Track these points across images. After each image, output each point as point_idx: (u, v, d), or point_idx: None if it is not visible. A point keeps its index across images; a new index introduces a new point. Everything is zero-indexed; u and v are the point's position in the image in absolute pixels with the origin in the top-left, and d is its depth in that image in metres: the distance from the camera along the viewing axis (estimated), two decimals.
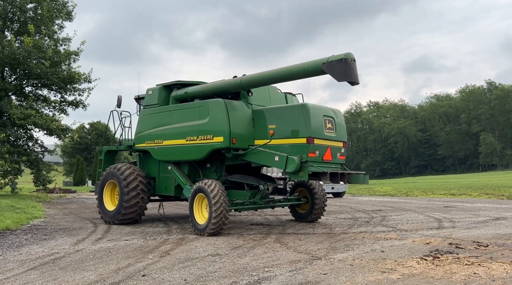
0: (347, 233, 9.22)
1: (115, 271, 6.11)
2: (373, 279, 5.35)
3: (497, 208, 16.04)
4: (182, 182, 10.24)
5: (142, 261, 6.66)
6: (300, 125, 8.76)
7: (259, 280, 5.42)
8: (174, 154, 10.28)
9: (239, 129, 9.39)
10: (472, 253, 6.82)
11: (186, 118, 10.01)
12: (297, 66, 8.62)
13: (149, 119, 10.90)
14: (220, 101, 9.45)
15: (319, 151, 8.85)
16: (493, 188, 29.53)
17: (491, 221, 11.47)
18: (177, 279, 5.58)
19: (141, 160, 11.66)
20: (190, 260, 6.69)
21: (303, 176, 8.59)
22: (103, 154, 12.60)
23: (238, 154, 9.51)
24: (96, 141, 65.43)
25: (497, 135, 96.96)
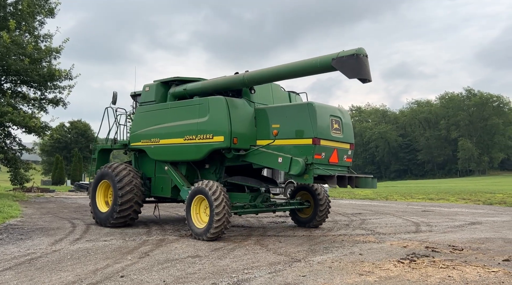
0: (326, 236, 9.31)
1: (93, 271, 6.04)
2: (351, 281, 5.43)
3: (473, 213, 16.40)
4: (179, 183, 9.83)
5: (120, 262, 6.60)
6: (306, 125, 8.33)
7: (239, 282, 5.44)
8: (171, 153, 9.85)
9: (240, 129, 8.93)
10: (447, 257, 6.97)
11: (184, 116, 9.56)
12: (304, 62, 8.15)
13: (146, 117, 10.44)
14: (221, 99, 8.99)
15: (325, 152, 8.42)
16: (470, 193, 30.14)
17: (467, 225, 11.73)
18: (156, 280, 5.55)
19: (137, 159, 11.22)
20: (169, 261, 6.66)
21: (308, 178, 8.21)
22: (97, 153, 12.06)
23: (239, 154, 9.07)
24: (76, 140, 64.43)
25: (474, 142, 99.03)
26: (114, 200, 10.01)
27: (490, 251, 7.51)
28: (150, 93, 10.45)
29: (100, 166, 11.44)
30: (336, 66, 7.52)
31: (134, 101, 11.77)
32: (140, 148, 10.55)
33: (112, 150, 12.33)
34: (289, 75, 8.49)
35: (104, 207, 10.57)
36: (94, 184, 10.85)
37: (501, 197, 26.77)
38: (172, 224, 11.20)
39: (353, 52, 7.33)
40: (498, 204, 24.68)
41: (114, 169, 10.22)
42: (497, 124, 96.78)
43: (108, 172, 10.33)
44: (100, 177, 10.67)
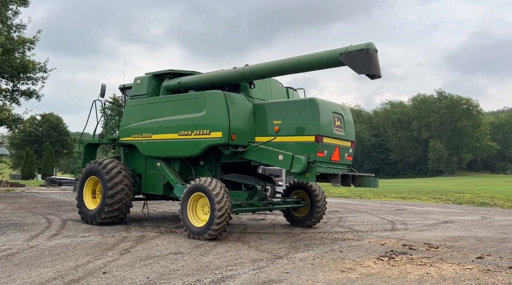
0: (306, 233, 9.43)
1: (73, 268, 5.95)
2: (333, 278, 5.54)
3: (445, 212, 16.91)
4: (172, 180, 9.45)
5: (101, 258, 6.52)
6: (308, 122, 8.06)
7: (223, 278, 5.47)
8: (164, 149, 9.47)
9: (239, 125, 8.61)
10: (424, 254, 7.18)
11: (179, 111, 9.19)
12: (309, 57, 7.87)
13: (137, 111, 10.01)
14: (219, 93, 8.65)
15: (327, 150, 8.16)
16: (440, 192, 30.99)
17: (439, 224, 12.09)
18: (139, 277, 5.52)
19: (126, 155, 10.74)
20: (151, 257, 6.62)
21: (310, 177, 7.96)
22: (83, 147, 11.54)
23: (237, 151, 8.76)
24: (48, 134, 62.78)
25: (444, 143, 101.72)
26: (103, 197, 9.60)
27: (463, 249, 7.78)
28: (142, 86, 10.06)
29: (86, 161, 10.99)
30: (344, 61, 7.31)
31: (123, 95, 11.35)
32: (131, 143, 10.15)
33: (100, 144, 11.89)
34: (293, 70, 8.24)
35: (91, 204, 10.15)
36: (81, 180, 10.36)
37: (469, 197, 27.63)
38: (151, 220, 11.10)
39: (363, 47, 7.14)
40: (467, 204, 25.51)
41: (104, 166, 9.76)
42: (466, 127, 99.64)
43: (97, 168, 9.88)
44: (88, 173, 10.21)
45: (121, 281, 5.34)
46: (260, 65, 8.55)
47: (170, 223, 10.57)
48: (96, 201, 10.17)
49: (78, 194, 10.41)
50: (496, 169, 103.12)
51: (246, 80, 8.99)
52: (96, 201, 10.17)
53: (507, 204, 25.85)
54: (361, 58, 7.11)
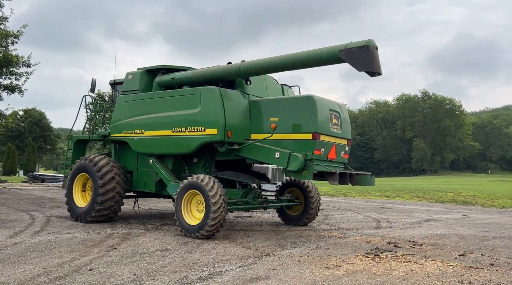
0: (292, 231, 9.48)
1: (59, 264, 5.89)
2: (320, 275, 5.59)
3: (428, 210, 17.18)
4: (165, 178, 9.26)
5: (87, 255, 6.46)
6: (306, 119, 7.98)
7: (210, 275, 5.48)
8: (157, 146, 9.28)
9: (234, 122, 8.48)
10: (408, 252, 7.30)
11: (173, 107, 9.02)
12: (308, 53, 7.76)
13: (129, 107, 9.80)
14: (214, 89, 8.50)
15: (324, 148, 8.08)
16: (423, 191, 31.44)
17: (423, 222, 12.28)
18: (126, 274, 5.49)
19: (117, 152, 10.53)
20: (138, 254, 6.59)
21: (306, 175, 7.88)
22: (72, 144, 11.27)
23: (232, 148, 8.63)
24: (30, 129, 61.75)
25: (428, 142, 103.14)
26: (94, 195, 9.39)
27: (447, 247, 7.93)
28: (134, 81, 9.87)
29: (76, 158, 10.76)
30: (344, 58, 7.21)
31: (113, 90, 11.10)
32: (122, 139, 9.95)
33: (90, 141, 11.64)
34: (291, 66, 8.13)
35: (81, 202, 9.93)
36: (71, 177, 10.09)
37: (452, 196, 28.10)
38: (137, 218, 11.03)
39: (363, 43, 7.05)
40: (449, 202, 25.96)
41: (95, 162, 9.55)
42: (449, 126, 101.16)
43: (87, 165, 9.66)
44: (78, 169, 9.98)
45: (107, 278, 5.30)
46: (257, 61, 8.43)
47: (156, 220, 10.53)
48: (86, 198, 9.97)
49: (67, 191, 10.15)
50: (478, 168, 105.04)
51: (242, 77, 8.88)
52: (86, 198, 9.97)
53: (488, 203, 26.38)
54: (361, 55, 7.02)
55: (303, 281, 5.26)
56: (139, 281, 5.20)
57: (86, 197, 9.99)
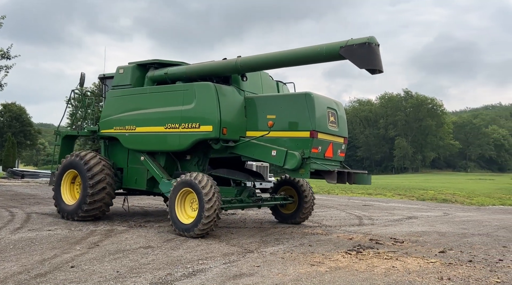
0: (276, 228, 9.53)
1: (40, 262, 5.81)
2: (303, 271, 5.64)
3: (409, 208, 17.45)
4: (157, 175, 9.02)
5: (69, 252, 6.38)
6: (303, 117, 7.84)
7: (194, 272, 5.47)
8: (149, 142, 9.06)
9: (230, 118, 8.29)
10: (390, 249, 7.41)
11: (166, 103, 8.78)
12: (307, 49, 7.62)
13: (120, 102, 9.54)
14: (210, 85, 8.30)
15: (321, 146, 7.94)
16: (404, 189, 31.93)
17: (404, 219, 12.48)
18: (108, 271, 5.44)
19: (106, 148, 10.23)
20: (121, 251, 6.54)
21: (304, 173, 7.76)
22: (60, 139, 10.84)
23: (228, 146, 8.44)
24: (10, 124, 60.48)
25: (410, 141, 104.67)
26: (84, 191, 9.12)
27: (427, 244, 8.07)
28: (125, 76, 9.60)
29: (64, 154, 10.47)
30: (345, 55, 7.08)
31: (103, 85, 10.80)
32: (112, 135, 9.69)
33: (78, 136, 11.26)
34: (290, 62, 7.99)
35: (70, 199, 9.65)
36: (59, 174, 9.77)
37: (432, 194, 28.61)
38: (119, 214, 10.93)
39: (365, 40, 6.91)
40: (430, 200, 26.42)
41: (83, 158, 9.27)
42: (430, 126, 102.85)
43: (76, 161, 9.36)
44: (66, 166, 9.65)
45: (89, 275, 5.25)
46: (254, 57, 8.28)
47: (139, 217, 10.45)
48: (75, 195, 9.71)
49: (55, 189, 9.83)
50: (458, 167, 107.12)
51: (239, 72, 8.70)
52: (75, 196, 9.71)
53: (467, 201, 26.92)
54: (362, 52, 6.90)
55: (286, 278, 5.30)
56: (122, 278, 5.16)
57: (75, 194, 9.72)
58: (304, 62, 7.89)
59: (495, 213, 17.90)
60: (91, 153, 9.48)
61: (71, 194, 9.74)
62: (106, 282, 5.00)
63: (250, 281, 5.14)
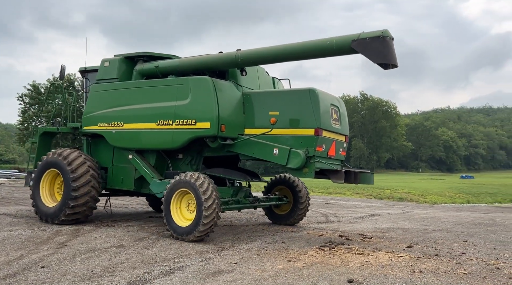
0: (247, 226, 9.55)
1: (6, 263, 5.54)
2: (281, 267, 5.69)
3: (369, 206, 17.99)
4: (148, 175, 8.47)
5: (36, 253, 6.12)
6: (307, 114, 7.49)
7: (172, 270, 5.40)
8: (139, 140, 8.48)
9: (228, 115, 7.84)
10: (360, 244, 7.61)
11: (157, 98, 8.26)
12: (315, 43, 7.25)
13: (105, 97, 8.92)
14: (207, 80, 7.82)
15: (325, 144, 7.63)
16: (362, 188, 32.85)
17: (367, 217, 12.85)
18: (82, 270, 5.27)
19: (89, 146, 9.60)
20: (92, 251, 6.34)
21: (307, 173, 7.40)
22: (37, 136, 10.11)
23: (225, 144, 7.97)
24: None
25: (365, 142, 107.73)
26: (66, 193, 8.43)
27: (394, 239, 8.36)
28: (111, 69, 9.03)
29: (42, 152, 9.82)
30: (357, 48, 6.76)
31: (84, 78, 10.20)
32: (97, 132, 9.08)
33: (58, 133, 10.46)
34: (296, 56, 7.61)
35: (50, 201, 8.92)
36: (38, 173, 9.04)
37: (389, 192, 29.66)
38: None
39: (379, 34, 6.62)
40: (387, 199, 27.36)
41: (66, 157, 8.60)
42: (384, 127, 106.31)
43: (57, 160, 8.67)
44: (46, 165, 8.92)
45: (62, 275, 5.06)
46: (256, 50, 7.89)
47: (106, 217, 10.15)
48: (55, 197, 9.03)
49: (33, 189, 9.07)
50: (410, 167, 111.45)
51: (238, 67, 8.27)
52: (55, 197, 9.02)
53: (422, 199, 28.12)
54: (376, 46, 6.62)
55: (265, 274, 5.33)
56: (97, 277, 5.01)
57: (55, 195, 9.05)
58: (311, 56, 7.55)
59: (448, 210, 18.78)
60: (75, 152, 8.84)
61: (51, 195, 9.05)
62: (81, 282, 4.84)
63: (230, 277, 5.14)
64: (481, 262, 6.40)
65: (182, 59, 8.63)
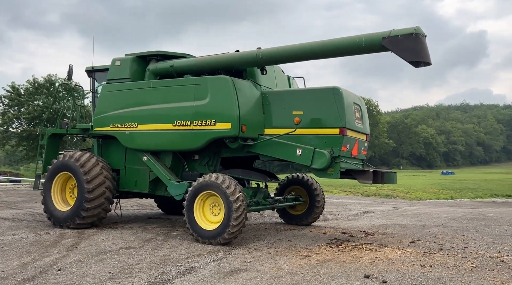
0: (249, 225, 9.60)
1: (21, 266, 5.50)
2: (295, 264, 5.79)
3: (360, 203, 18.27)
4: (165, 177, 8.27)
5: (48, 256, 6.08)
6: (332, 113, 7.38)
7: (188, 270, 5.44)
8: (155, 141, 8.30)
9: (249, 115, 7.67)
10: (365, 241, 7.77)
11: (174, 98, 8.08)
12: (343, 40, 7.12)
13: (117, 97, 8.72)
14: (226, 79, 7.66)
15: (349, 144, 7.51)
16: (348, 186, 33.22)
17: (362, 214, 13.07)
18: (99, 272, 5.27)
19: (100, 147, 9.39)
20: (103, 253, 6.32)
21: (333, 173, 7.29)
22: (46, 138, 9.84)
23: (245, 144, 7.81)
24: None
25: None
26: (81, 196, 8.23)
27: (395, 235, 8.56)
28: (123, 69, 8.83)
29: (51, 154, 9.65)
30: (389, 46, 6.63)
31: (91, 78, 9.92)
32: (109, 133, 8.85)
33: (67, 135, 10.23)
34: (322, 54, 7.43)
35: (62, 205, 8.71)
36: (49, 176, 8.80)
37: (375, 190, 30.03)
38: None
39: (412, 31, 6.50)
40: (374, 196, 27.76)
41: (78, 159, 8.40)
42: None
43: (70, 163, 8.45)
44: (58, 168, 8.69)
45: (81, 277, 5.06)
46: (279, 49, 7.71)
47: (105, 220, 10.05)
48: (68, 200, 8.83)
49: (45, 193, 8.80)
50: (391, 164, 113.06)
51: (259, 65, 8.10)
52: (67, 201, 8.82)
53: (407, 196, 28.61)
54: (410, 44, 6.50)
55: (282, 271, 5.42)
56: (117, 278, 5.02)
57: (68, 199, 8.84)
58: (339, 54, 7.39)
59: (436, 206, 19.22)
60: (87, 154, 8.64)
61: (62, 200, 8.83)
62: (102, 283, 4.85)
63: (249, 276, 5.21)
64: (485, 255, 6.63)
65: (199, 58, 8.47)
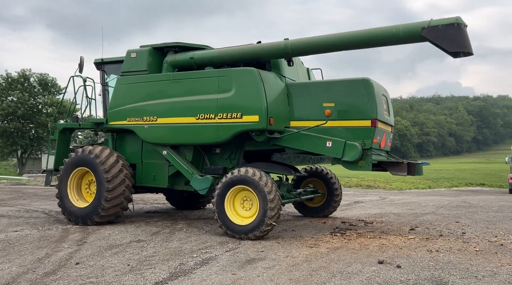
0: None
1: (37, 261, 5.49)
2: (307, 252, 5.97)
3: (347, 194, 18.57)
4: (187, 171, 8.10)
5: (60, 250, 6.07)
6: (363, 104, 7.26)
7: (205, 261, 5.53)
8: (176, 135, 8.11)
9: (276, 107, 7.54)
10: (366, 229, 8.02)
11: (196, 91, 7.88)
12: (379, 30, 6.95)
13: (134, 90, 8.51)
14: (253, 71, 7.48)
15: (379, 136, 7.42)
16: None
17: (354, 204, 13.39)
18: (118, 265, 5.31)
19: (115, 142, 9.18)
20: (115, 247, 6.34)
21: (364, 165, 7.19)
22: (57, 133, 9.52)
23: (271, 137, 7.65)
24: None
25: None
26: (100, 193, 8.07)
27: (393, 223, 8.85)
28: (139, 60, 8.59)
29: (63, 149, 9.43)
30: (428, 36, 6.47)
31: (101, 71, 9.63)
32: (126, 127, 8.61)
33: (79, 129, 9.98)
34: (355, 45, 7.27)
35: (79, 202, 8.53)
36: (65, 172, 8.58)
37: (356, 181, 30.67)
38: None
39: (453, 21, 6.35)
40: (356, 187, 28.35)
41: (98, 156, 8.20)
42: None
43: (88, 158, 8.27)
44: (75, 163, 8.49)
45: (102, 270, 5.09)
46: (308, 40, 7.55)
47: None
48: (84, 196, 8.67)
49: (60, 189, 8.58)
50: None
51: (288, 57, 7.94)
52: (83, 197, 8.66)
53: (388, 186, 29.33)
54: (452, 34, 6.37)
55: (297, 259, 5.58)
56: (137, 270, 5.08)
57: (84, 195, 8.69)
58: (373, 45, 7.24)
59: (419, 195, 19.83)
60: (107, 149, 8.45)
61: (79, 196, 8.65)
62: (124, 275, 4.90)
63: (266, 264, 5.34)
64: (484, 240, 6.97)
65: (221, 50, 8.25)
